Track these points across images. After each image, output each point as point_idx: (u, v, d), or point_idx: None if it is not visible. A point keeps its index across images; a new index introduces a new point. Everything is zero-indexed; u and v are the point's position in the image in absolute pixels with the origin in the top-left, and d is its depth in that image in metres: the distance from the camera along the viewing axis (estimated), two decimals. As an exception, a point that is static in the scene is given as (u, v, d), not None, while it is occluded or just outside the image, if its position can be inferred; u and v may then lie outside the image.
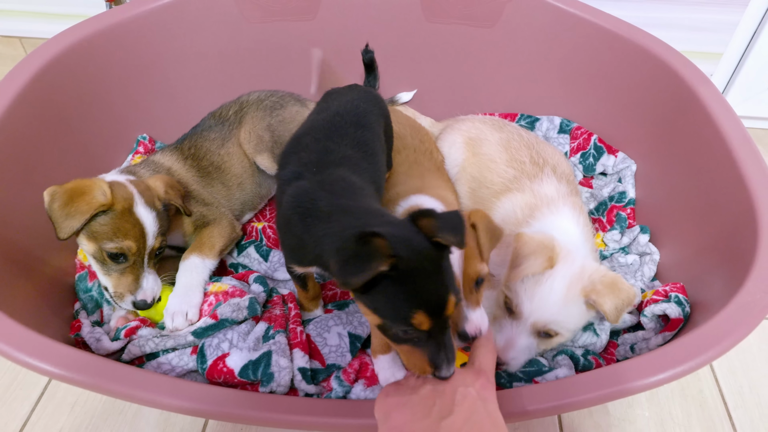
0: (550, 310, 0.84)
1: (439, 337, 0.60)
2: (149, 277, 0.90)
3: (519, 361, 0.85)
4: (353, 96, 0.91)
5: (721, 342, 0.73)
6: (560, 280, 0.84)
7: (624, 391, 0.71)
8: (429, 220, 0.59)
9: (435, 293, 0.58)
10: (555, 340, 0.87)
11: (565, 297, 0.83)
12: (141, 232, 0.87)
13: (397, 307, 0.57)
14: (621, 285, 0.83)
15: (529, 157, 1.07)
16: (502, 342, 0.86)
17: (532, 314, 0.84)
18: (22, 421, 0.93)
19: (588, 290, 0.83)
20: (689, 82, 1.04)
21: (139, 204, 0.87)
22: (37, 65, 1.02)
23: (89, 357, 0.72)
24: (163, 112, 1.28)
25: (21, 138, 0.97)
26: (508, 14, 1.25)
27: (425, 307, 0.57)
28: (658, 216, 1.10)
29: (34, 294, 0.89)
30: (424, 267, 0.57)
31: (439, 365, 0.61)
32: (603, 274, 0.84)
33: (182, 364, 0.84)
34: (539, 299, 0.84)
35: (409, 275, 0.57)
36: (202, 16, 1.23)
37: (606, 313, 0.82)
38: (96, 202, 0.82)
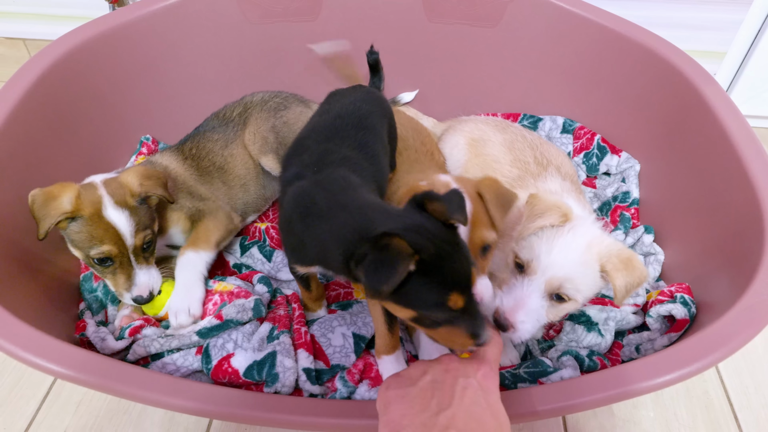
0: (568, 265, 0.78)
1: (471, 309, 0.61)
2: (141, 273, 0.90)
3: (527, 326, 0.80)
4: (355, 97, 0.91)
5: (727, 343, 0.72)
6: (581, 235, 0.80)
7: (630, 393, 0.71)
8: (438, 204, 0.60)
9: (461, 271, 0.59)
10: (565, 308, 0.81)
11: (583, 255, 0.79)
12: (116, 234, 0.86)
13: (431, 296, 0.58)
14: (636, 263, 0.79)
15: (533, 157, 1.06)
16: (510, 303, 0.80)
17: (549, 269, 0.79)
18: (28, 420, 0.94)
19: (605, 260, 0.78)
20: (694, 81, 1.04)
21: (108, 207, 0.86)
22: (42, 67, 1.02)
23: (95, 357, 0.72)
24: (166, 113, 1.29)
25: (26, 139, 0.97)
26: (510, 14, 1.25)
27: (457, 288, 0.59)
28: (663, 216, 1.10)
29: (39, 294, 0.89)
30: (445, 251, 0.58)
31: (478, 334, 0.61)
32: (620, 248, 0.80)
33: (187, 364, 0.84)
34: (558, 252, 0.79)
35: (434, 263, 0.58)
36: (204, 17, 1.23)
37: (615, 289, 0.77)
38: (60, 210, 0.83)
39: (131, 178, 0.90)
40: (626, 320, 0.91)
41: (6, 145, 0.92)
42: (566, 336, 0.92)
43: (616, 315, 0.91)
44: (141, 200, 0.89)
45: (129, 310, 0.95)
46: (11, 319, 0.73)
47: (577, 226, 0.81)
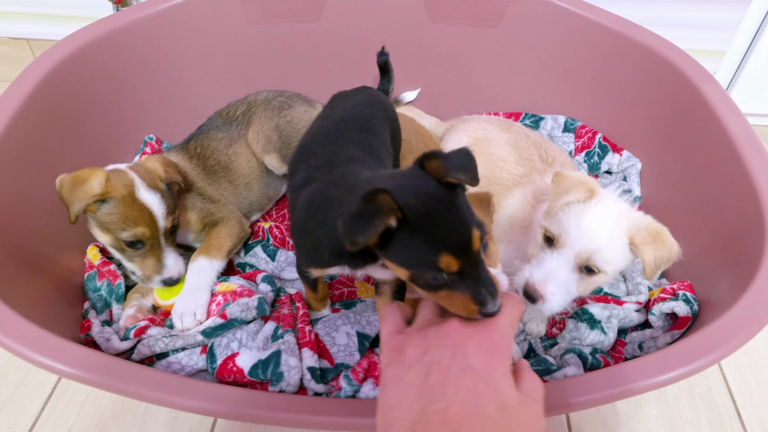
0: (597, 237, 0.78)
1: (474, 274, 0.58)
2: (170, 255, 0.94)
3: (557, 297, 0.80)
4: (357, 100, 0.91)
5: (730, 341, 0.72)
6: (609, 209, 0.80)
7: (633, 390, 0.71)
8: (436, 161, 0.58)
9: (455, 232, 0.57)
10: (595, 281, 0.81)
11: (612, 227, 0.79)
12: (150, 215, 0.89)
13: (421, 255, 0.57)
14: (666, 237, 0.79)
15: (538, 155, 1.07)
16: (540, 275, 0.80)
17: (578, 241, 0.79)
18: (32, 420, 0.94)
19: (633, 233, 0.79)
20: (694, 80, 1.04)
21: (141, 188, 0.89)
22: (47, 67, 1.02)
23: (101, 356, 0.72)
24: (170, 113, 1.29)
25: (31, 138, 0.97)
26: (511, 14, 1.26)
27: (449, 248, 0.56)
28: (664, 214, 1.09)
29: (44, 294, 0.89)
30: (435, 209, 0.56)
31: (482, 301, 0.57)
32: (650, 222, 0.80)
33: (192, 363, 0.85)
34: (587, 225, 0.79)
35: (423, 221, 0.56)
36: (207, 17, 1.24)
37: (644, 263, 0.78)
38: (91, 192, 0.85)
39: (156, 164, 0.94)
40: (629, 318, 0.91)
41: (11, 144, 0.93)
42: (569, 334, 0.92)
43: (619, 313, 0.91)
44: (167, 185, 0.93)
45: (134, 310, 0.95)
46: (17, 318, 0.73)
47: (605, 200, 0.81)
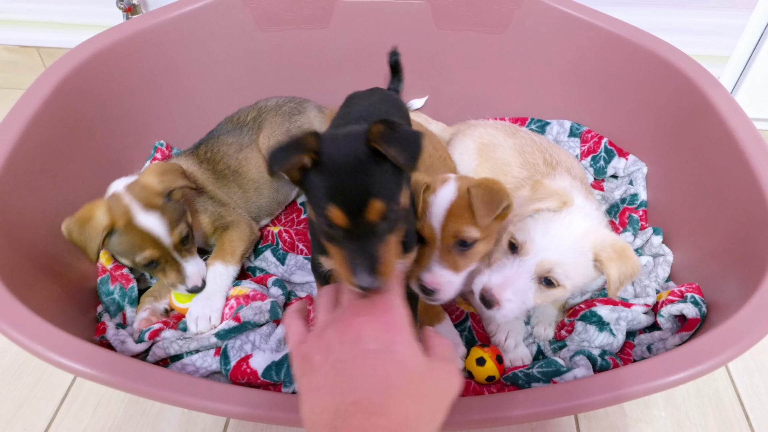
0: (561, 250, 0.80)
1: (359, 241, 0.59)
2: (188, 265, 0.94)
3: (512, 305, 0.81)
4: (373, 100, 0.93)
5: (738, 342, 0.73)
6: (577, 223, 0.81)
7: (641, 391, 0.72)
8: (380, 127, 0.59)
9: (353, 191, 0.58)
10: (552, 293, 0.82)
11: (578, 242, 0.80)
12: (152, 238, 0.89)
13: (317, 198, 0.59)
14: (630, 254, 0.80)
15: (542, 159, 1.08)
16: (499, 280, 0.81)
17: (541, 251, 0.80)
18: (47, 422, 0.95)
19: (599, 249, 0.80)
20: (699, 84, 1.05)
21: (138, 213, 0.88)
22: (61, 75, 1.04)
23: (117, 357, 0.74)
24: (180, 119, 1.31)
25: (46, 145, 0.99)
26: (518, 20, 1.27)
27: (340, 202, 0.58)
28: (671, 217, 1.11)
29: (59, 297, 0.91)
30: (347, 165, 0.58)
31: (353, 269, 0.58)
32: (615, 239, 0.82)
33: (206, 365, 0.86)
34: (552, 235, 0.80)
35: (330, 170, 0.58)
36: (216, 25, 1.25)
37: (609, 278, 0.79)
38: (101, 226, 0.86)
39: (151, 178, 0.91)
40: (637, 320, 0.92)
41: (27, 150, 0.94)
42: (578, 336, 0.93)
43: (627, 315, 0.92)
44: (166, 197, 0.91)
45: (147, 313, 0.96)
46: (36, 319, 0.74)
47: (574, 213, 0.83)
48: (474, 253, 0.82)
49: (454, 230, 0.79)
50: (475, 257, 0.83)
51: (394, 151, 0.58)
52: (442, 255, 0.80)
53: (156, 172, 0.92)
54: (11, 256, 0.85)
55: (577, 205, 0.85)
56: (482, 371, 0.87)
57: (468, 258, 0.82)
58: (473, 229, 0.79)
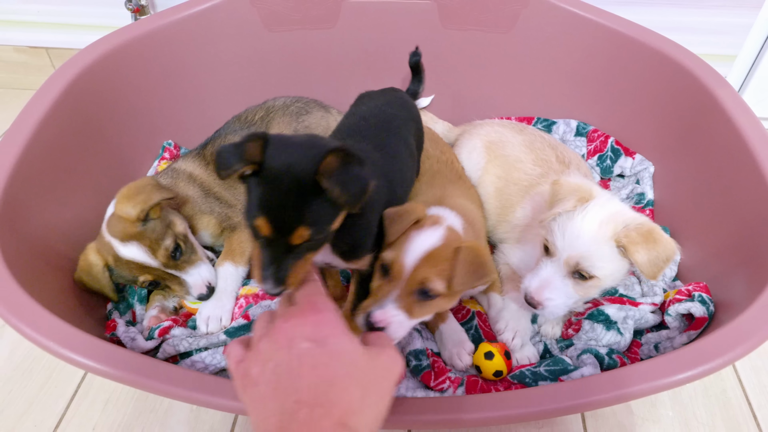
0: (580, 245, 0.82)
1: (278, 253, 0.62)
2: (189, 276, 0.93)
3: (555, 302, 0.85)
4: (382, 101, 0.94)
5: (746, 341, 0.73)
6: (591, 216, 0.82)
7: (648, 390, 0.72)
8: (333, 162, 0.59)
9: (285, 212, 0.60)
10: (591, 285, 0.85)
11: (595, 234, 0.81)
12: (139, 265, 0.90)
13: (251, 203, 0.62)
14: (658, 236, 0.80)
15: (555, 156, 1.09)
16: (536, 283, 0.86)
17: (565, 250, 0.84)
18: (57, 418, 0.96)
19: (620, 235, 0.80)
20: (706, 83, 1.05)
21: (118, 248, 0.89)
22: (71, 75, 1.05)
23: (128, 353, 0.74)
24: (188, 118, 1.32)
25: (56, 145, 1.00)
26: (524, 20, 1.27)
27: (269, 218, 0.60)
28: (678, 217, 1.11)
29: (70, 294, 0.92)
30: (287, 186, 0.60)
31: (264, 276, 0.62)
32: (641, 222, 0.81)
33: (215, 362, 0.86)
34: (570, 234, 0.83)
35: (270, 184, 0.60)
36: (224, 25, 1.26)
37: (638, 264, 0.79)
38: (99, 268, 0.91)
39: (122, 206, 0.89)
40: (644, 319, 0.92)
41: (38, 150, 0.95)
42: (585, 335, 0.93)
43: (635, 314, 0.92)
44: (143, 221, 0.90)
45: (156, 311, 0.97)
46: (48, 316, 0.75)
47: (592, 206, 0.83)
48: (432, 305, 0.78)
49: (422, 277, 0.75)
50: (431, 310, 0.79)
51: (336, 192, 0.59)
52: (401, 296, 0.76)
53: (127, 197, 0.90)
54: (23, 253, 0.86)
55: (596, 197, 0.85)
56: (490, 365, 0.87)
57: (425, 308, 0.77)
58: (441, 283, 0.75)
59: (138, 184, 0.92)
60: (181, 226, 0.95)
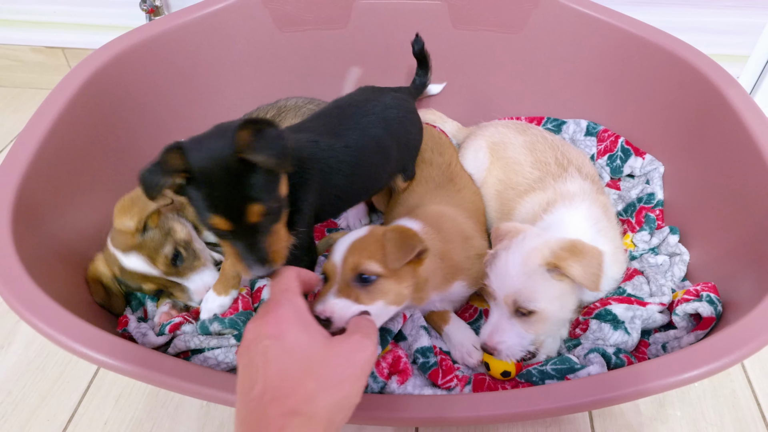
0: (509, 283, 0.84)
1: (248, 239, 0.65)
2: (190, 283, 0.95)
3: (508, 344, 0.86)
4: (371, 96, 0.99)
5: (753, 340, 0.73)
6: (515, 252, 0.85)
7: (656, 388, 0.72)
8: (245, 135, 0.62)
9: (231, 199, 0.63)
10: (536, 320, 0.86)
11: (522, 267, 0.83)
12: (142, 275, 0.92)
13: (200, 209, 0.65)
14: (582, 246, 0.82)
15: (554, 158, 1.09)
16: (488, 329, 0.89)
17: (499, 290, 0.86)
18: (70, 413, 0.98)
19: (548, 258, 0.82)
20: (717, 84, 1.05)
21: (121, 259, 0.91)
22: (86, 75, 1.07)
23: (140, 349, 0.76)
24: (201, 118, 1.31)
25: (70, 144, 1.02)
26: (535, 20, 1.28)
27: (221, 212, 0.64)
28: (688, 217, 1.11)
29: (83, 291, 0.94)
30: (220, 176, 0.62)
31: (247, 264, 0.66)
32: (561, 240, 0.84)
33: (228, 360, 0.87)
34: (498, 273, 0.86)
35: (205, 183, 0.63)
36: (237, 25, 1.28)
37: (575, 278, 0.80)
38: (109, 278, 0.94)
39: (120, 219, 0.91)
40: (652, 319, 0.92)
41: (52, 149, 0.97)
42: (593, 334, 0.93)
43: (642, 314, 0.92)
44: (142, 232, 0.91)
45: (167, 307, 0.98)
46: (62, 311, 0.76)
47: (513, 243, 0.86)
48: (379, 290, 0.78)
49: (352, 263, 0.78)
50: (381, 295, 0.79)
51: (262, 158, 0.62)
52: (340, 288, 0.78)
53: (123, 211, 0.91)
54: (37, 250, 0.88)
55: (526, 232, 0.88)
56: (499, 364, 0.88)
57: (372, 294, 0.78)
58: (373, 263, 0.78)
59: (132, 196, 0.92)
60: (182, 232, 0.96)
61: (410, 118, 1.04)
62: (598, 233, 0.96)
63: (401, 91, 1.14)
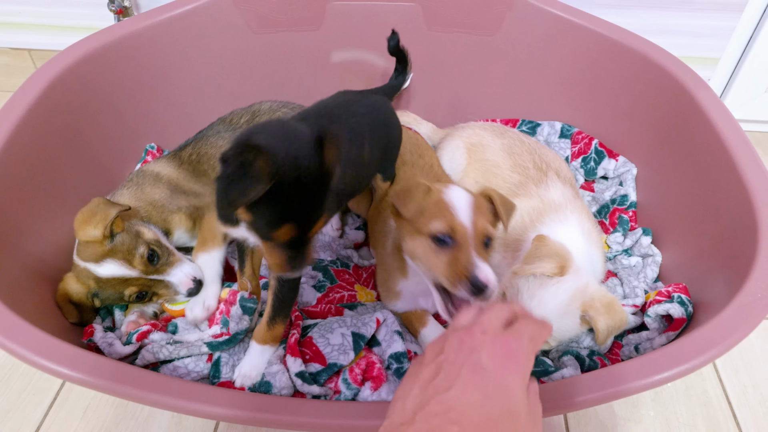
0: (546, 314, 0.85)
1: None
2: (172, 278, 0.93)
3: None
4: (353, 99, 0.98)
5: (722, 341, 0.74)
6: (566, 290, 0.86)
7: (629, 390, 0.72)
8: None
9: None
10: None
11: (565, 307, 0.85)
12: (120, 280, 0.90)
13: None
14: (617, 307, 0.86)
15: (532, 162, 1.09)
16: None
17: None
18: (35, 426, 0.95)
19: (587, 305, 0.85)
20: (688, 87, 1.06)
21: (96, 270, 0.89)
22: (50, 76, 1.04)
23: (106, 361, 0.74)
24: (172, 121, 1.30)
25: (35, 147, 0.99)
26: (509, 23, 1.28)
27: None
28: (660, 218, 1.12)
29: (47, 301, 0.91)
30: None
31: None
32: (603, 294, 0.87)
33: (198, 369, 0.85)
34: (539, 301, 0.86)
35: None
36: (208, 27, 1.25)
37: (598, 331, 0.84)
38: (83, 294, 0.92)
39: (85, 231, 0.88)
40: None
41: (16, 154, 0.94)
42: (567, 337, 0.93)
43: (616, 316, 0.92)
44: (110, 239, 0.89)
45: (135, 316, 0.96)
46: (23, 324, 0.74)
47: (565, 280, 0.86)
48: (491, 249, 0.81)
49: (482, 227, 0.77)
50: (491, 252, 0.81)
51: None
52: (479, 252, 0.75)
53: (85, 222, 0.89)
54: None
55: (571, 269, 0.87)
56: None
57: (488, 254, 0.79)
58: (492, 227, 0.80)
59: (90, 207, 0.91)
60: (149, 234, 0.94)
61: (391, 120, 1.03)
62: (590, 244, 0.97)
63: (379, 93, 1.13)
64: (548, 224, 0.97)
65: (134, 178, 1.05)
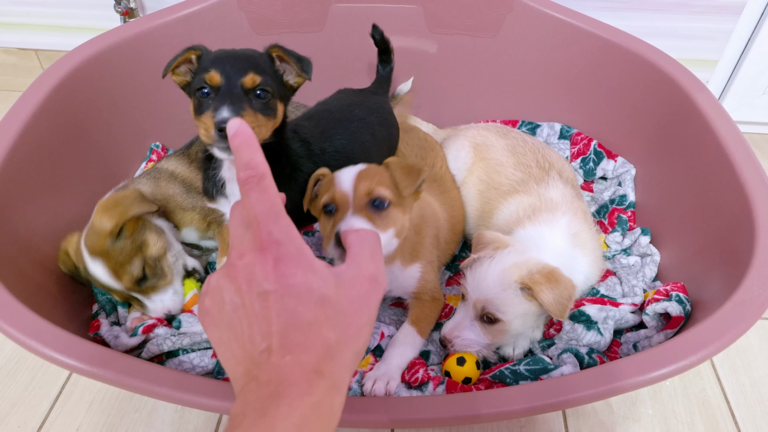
0: (484, 290, 0.88)
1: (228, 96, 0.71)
2: (150, 303, 0.94)
3: (460, 339, 0.91)
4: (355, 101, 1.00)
5: (719, 338, 0.75)
6: (496, 263, 0.88)
7: (628, 386, 0.73)
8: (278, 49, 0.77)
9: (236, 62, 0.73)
10: (498, 329, 0.90)
11: (499, 279, 0.87)
12: (103, 283, 0.91)
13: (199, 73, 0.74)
14: (559, 276, 0.85)
15: (535, 161, 1.10)
16: (450, 326, 0.93)
17: (472, 294, 0.90)
18: (41, 419, 0.96)
19: (525, 279, 0.85)
20: (686, 89, 1.08)
21: (86, 259, 0.89)
22: (58, 77, 1.06)
23: (113, 353, 0.75)
24: (176, 121, 1.31)
25: (42, 146, 1.01)
26: (509, 25, 1.29)
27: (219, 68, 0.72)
28: (658, 218, 1.13)
29: (56, 295, 0.92)
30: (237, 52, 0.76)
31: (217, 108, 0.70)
32: (542, 265, 0.87)
33: (203, 364, 0.87)
34: (475, 279, 0.90)
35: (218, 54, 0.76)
36: (213, 28, 1.27)
37: (544, 303, 0.84)
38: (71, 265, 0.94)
39: (100, 219, 0.87)
40: (624, 319, 0.94)
41: (25, 152, 0.96)
42: (566, 335, 0.94)
43: (615, 314, 0.93)
44: (115, 237, 0.88)
45: (139, 313, 0.97)
46: (33, 317, 0.75)
47: (498, 254, 0.90)
48: (390, 217, 0.80)
49: (366, 188, 0.79)
50: (392, 222, 0.81)
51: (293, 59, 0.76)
52: (356, 210, 0.78)
53: (105, 209, 0.87)
54: (8, 254, 0.86)
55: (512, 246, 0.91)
56: (460, 372, 0.88)
57: (385, 221, 0.79)
58: (386, 189, 0.80)
59: (117, 196, 0.89)
60: (154, 248, 0.93)
61: (389, 119, 1.05)
62: (576, 248, 0.98)
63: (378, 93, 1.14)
64: (536, 222, 0.99)
65: (149, 173, 1.06)
